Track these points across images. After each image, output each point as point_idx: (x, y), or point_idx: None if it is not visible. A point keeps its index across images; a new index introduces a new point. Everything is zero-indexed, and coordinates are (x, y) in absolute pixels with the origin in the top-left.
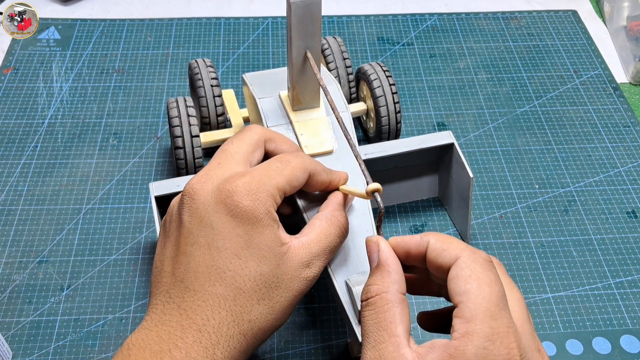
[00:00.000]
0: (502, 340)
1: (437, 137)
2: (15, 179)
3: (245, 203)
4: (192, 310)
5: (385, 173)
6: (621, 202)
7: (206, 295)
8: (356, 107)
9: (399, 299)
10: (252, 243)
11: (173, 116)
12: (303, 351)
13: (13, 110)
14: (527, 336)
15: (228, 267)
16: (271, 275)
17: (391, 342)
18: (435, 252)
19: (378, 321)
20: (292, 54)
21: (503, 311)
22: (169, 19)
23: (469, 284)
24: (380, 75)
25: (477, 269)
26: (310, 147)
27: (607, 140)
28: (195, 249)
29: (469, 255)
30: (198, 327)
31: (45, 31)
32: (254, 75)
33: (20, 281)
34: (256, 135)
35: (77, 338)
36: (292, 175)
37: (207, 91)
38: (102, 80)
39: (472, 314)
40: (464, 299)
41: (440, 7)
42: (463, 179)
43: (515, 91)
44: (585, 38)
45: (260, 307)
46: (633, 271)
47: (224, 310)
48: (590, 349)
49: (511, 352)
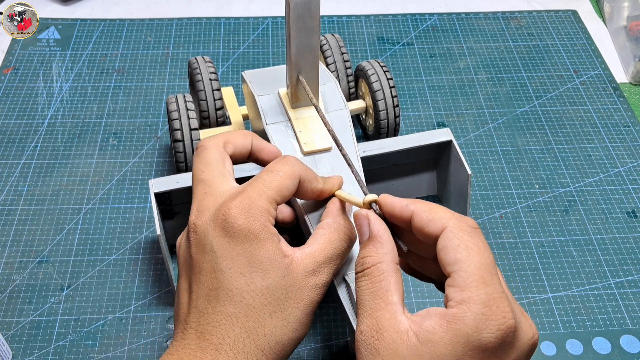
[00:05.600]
0: (498, 305)
1: (436, 135)
2: (15, 179)
3: (240, 222)
4: (207, 331)
5: (384, 170)
6: (621, 202)
7: (219, 316)
8: (355, 105)
9: (394, 268)
10: (253, 259)
11: (172, 110)
12: (303, 351)
13: (13, 110)
14: (512, 300)
15: (234, 286)
16: (278, 287)
17: (387, 309)
18: (422, 222)
19: (374, 290)
20: (291, 51)
21: (494, 276)
22: (169, 19)
23: (458, 253)
24: (378, 71)
25: (465, 238)
26: (309, 145)
27: (607, 140)
28: (202, 275)
29: (455, 224)
30: (215, 347)
31: (45, 31)
32: (253, 72)
33: (20, 281)
34: (214, 149)
35: (77, 338)
36: (281, 185)
37: (206, 85)
38: (102, 80)
39: (465, 282)
40: (455, 269)
41: (440, 7)
42: (461, 175)
43: (515, 91)
44: (585, 38)
45: (273, 321)
46: (633, 271)
47: (237, 328)
48: (590, 349)
49: (507, 316)
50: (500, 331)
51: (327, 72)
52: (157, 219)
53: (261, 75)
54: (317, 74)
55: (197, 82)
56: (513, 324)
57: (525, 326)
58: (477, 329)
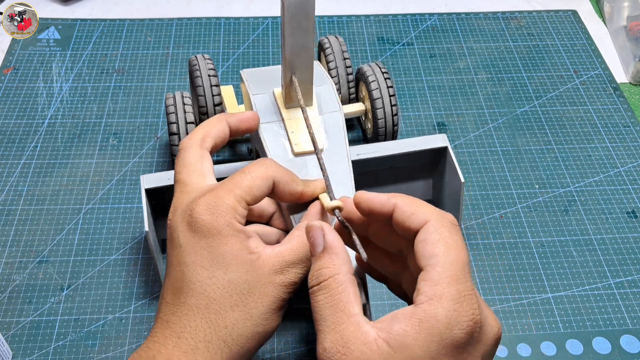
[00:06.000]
0: (468, 302)
1: (432, 140)
2: (15, 179)
3: (204, 218)
4: (172, 321)
5: (380, 173)
6: (621, 202)
7: (182, 306)
8: (354, 108)
9: (351, 279)
10: (215, 254)
11: (169, 105)
12: (303, 351)
13: (13, 110)
14: (479, 296)
15: (197, 279)
16: (241, 281)
17: (351, 322)
18: (404, 215)
19: (334, 303)
20: (285, 51)
21: (467, 274)
22: (169, 19)
23: (437, 247)
24: (378, 77)
25: (445, 233)
26: (300, 145)
27: (607, 140)
28: (171, 268)
29: (437, 218)
30: (177, 334)
31: (45, 31)
32: (252, 71)
33: (20, 281)
34: (192, 150)
35: (77, 338)
36: (251, 185)
37: (205, 81)
38: (102, 80)
39: (439, 277)
40: (432, 262)
41: (440, 7)
42: (455, 183)
43: (515, 91)
44: (585, 38)
45: (235, 314)
46: (633, 271)
47: (198, 318)
48: (590, 349)
49: (475, 312)
50: (469, 327)
51: (325, 74)
52: (146, 214)
53: (258, 74)
54: (311, 74)
55: (196, 77)
56: (480, 319)
57: (490, 320)
58: (449, 325)
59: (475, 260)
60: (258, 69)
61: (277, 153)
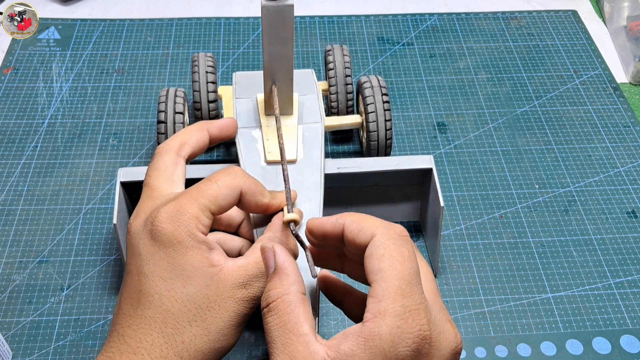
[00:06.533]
0: (414, 317)
1: (416, 161)
2: (15, 179)
3: (164, 226)
4: (127, 335)
5: (364, 189)
6: (621, 202)
7: (138, 319)
8: (351, 119)
9: (300, 298)
10: (175, 265)
11: (161, 95)
12: None
13: (13, 110)
14: (437, 309)
15: (155, 290)
16: (200, 295)
17: (300, 342)
18: (352, 233)
19: (282, 324)
20: (265, 60)
21: (415, 287)
22: (169, 19)
23: (382, 262)
24: (375, 92)
25: (390, 247)
26: (273, 154)
27: (607, 140)
28: (128, 277)
29: (383, 232)
30: (133, 350)
31: (45, 31)
32: (244, 74)
33: (20, 281)
34: (167, 156)
35: (77, 338)
36: (217, 195)
37: (201, 77)
38: (102, 80)
39: (384, 293)
40: (377, 278)
41: (440, 7)
42: (436, 207)
43: (515, 91)
44: (585, 38)
45: (193, 329)
46: (633, 271)
47: (155, 332)
48: (590, 349)
49: (422, 328)
50: (415, 343)
51: (314, 83)
52: (117, 208)
53: (249, 77)
54: (291, 83)
55: (194, 73)
56: (428, 335)
57: (448, 335)
58: (393, 343)
59: (475, 260)
60: (251, 73)
61: (250, 160)
